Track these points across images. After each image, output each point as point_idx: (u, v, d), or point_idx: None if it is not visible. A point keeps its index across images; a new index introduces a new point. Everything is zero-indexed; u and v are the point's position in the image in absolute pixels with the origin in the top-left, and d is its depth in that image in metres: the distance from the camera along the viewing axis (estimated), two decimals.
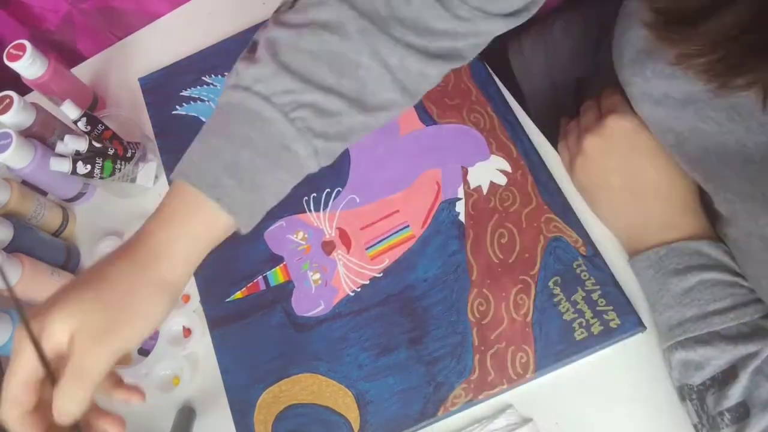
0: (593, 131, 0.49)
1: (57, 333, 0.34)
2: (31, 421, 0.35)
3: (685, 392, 0.43)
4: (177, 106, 0.65)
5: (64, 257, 0.59)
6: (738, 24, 0.32)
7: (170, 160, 0.62)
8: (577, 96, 0.68)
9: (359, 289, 0.53)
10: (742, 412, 0.39)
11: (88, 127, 0.57)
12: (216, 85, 0.65)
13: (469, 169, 0.56)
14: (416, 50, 0.41)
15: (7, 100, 0.55)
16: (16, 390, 0.34)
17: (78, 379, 0.34)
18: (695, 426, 0.42)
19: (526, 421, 0.47)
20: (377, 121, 0.43)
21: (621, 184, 0.48)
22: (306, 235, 0.56)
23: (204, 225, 0.38)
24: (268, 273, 0.55)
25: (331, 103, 0.40)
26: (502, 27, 0.43)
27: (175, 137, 0.64)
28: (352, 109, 0.41)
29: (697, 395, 0.41)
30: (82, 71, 0.72)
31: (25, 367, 0.34)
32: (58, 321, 0.34)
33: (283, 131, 0.39)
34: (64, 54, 0.72)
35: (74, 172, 0.56)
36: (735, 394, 0.39)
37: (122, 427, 0.39)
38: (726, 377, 0.40)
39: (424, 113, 0.59)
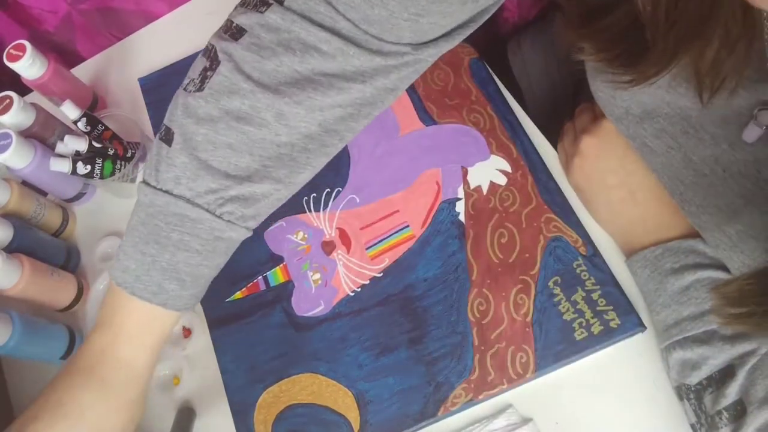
0: (590, 132, 0.49)
1: None
2: None
3: (682, 392, 0.43)
4: None
5: (64, 257, 0.59)
6: (632, 19, 0.35)
7: None
8: (576, 96, 0.68)
9: (359, 289, 0.53)
10: (740, 410, 0.39)
11: (88, 127, 0.57)
12: None
13: (469, 169, 0.56)
14: (338, 106, 0.40)
15: (7, 101, 0.55)
16: None
17: None
18: (693, 426, 0.42)
19: (526, 421, 0.47)
20: (305, 182, 0.45)
21: (617, 183, 0.48)
22: (306, 235, 0.56)
23: (159, 327, 0.42)
24: (268, 273, 0.55)
25: (258, 189, 0.41)
26: (437, 52, 0.42)
27: None
28: (280, 188, 0.42)
29: (695, 395, 0.41)
30: (82, 71, 0.72)
31: None
32: None
33: (213, 226, 0.40)
34: (63, 55, 0.72)
35: (74, 172, 0.56)
36: (732, 392, 0.39)
37: None
38: (723, 376, 0.40)
39: (424, 113, 0.59)
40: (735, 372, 0.39)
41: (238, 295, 0.55)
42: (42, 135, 0.59)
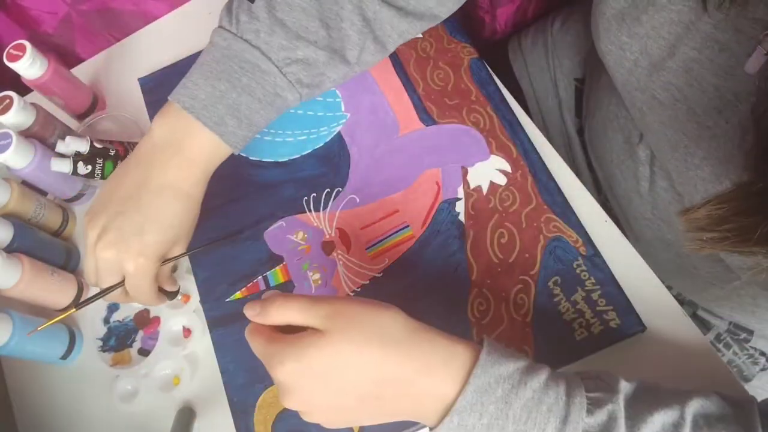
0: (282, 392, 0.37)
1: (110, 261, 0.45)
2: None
3: None
4: None
5: (64, 257, 0.59)
6: None
7: None
8: (577, 95, 0.68)
9: (359, 289, 0.53)
10: None
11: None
12: None
13: (469, 169, 0.56)
14: (391, 6, 0.48)
15: (7, 101, 0.55)
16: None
17: (137, 292, 0.46)
18: None
19: None
20: (354, 72, 0.51)
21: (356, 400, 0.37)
22: (306, 236, 0.56)
23: (213, 156, 0.47)
24: (268, 273, 0.55)
25: (319, 57, 0.47)
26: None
27: None
28: (335, 60, 0.48)
29: None
30: (82, 71, 0.72)
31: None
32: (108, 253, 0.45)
33: (277, 82, 0.46)
34: (62, 57, 0.72)
35: (75, 172, 0.56)
36: None
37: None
38: None
39: (424, 113, 0.59)
40: None
41: (238, 295, 0.55)
42: (42, 135, 0.59)
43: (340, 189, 0.57)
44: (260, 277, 0.55)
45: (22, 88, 0.60)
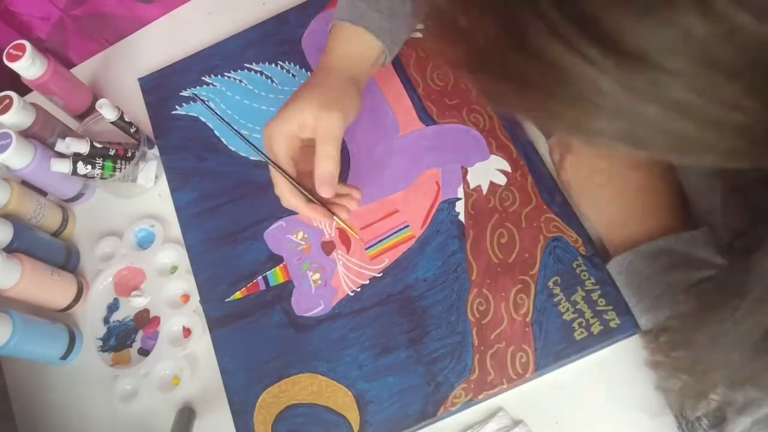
0: None
1: (305, 119, 0.47)
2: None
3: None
4: (177, 106, 0.65)
5: (63, 257, 0.59)
6: None
7: (170, 160, 0.62)
8: None
9: (359, 289, 0.53)
10: (719, 417, 0.38)
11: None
12: (216, 85, 0.65)
13: (469, 169, 0.56)
14: None
15: (7, 101, 0.55)
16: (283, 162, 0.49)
17: (326, 140, 0.47)
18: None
19: (517, 423, 0.47)
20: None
21: (605, 182, 0.49)
22: (305, 235, 0.56)
23: (361, 46, 0.51)
24: (267, 273, 0.55)
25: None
26: None
27: (175, 137, 0.64)
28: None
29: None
30: (82, 71, 0.72)
31: (283, 147, 0.48)
32: (304, 113, 0.48)
33: None
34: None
35: (75, 172, 0.56)
36: (712, 399, 0.39)
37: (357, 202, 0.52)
38: None
39: (424, 113, 0.59)
40: None
41: (238, 295, 0.55)
42: (42, 135, 0.59)
43: None
44: (260, 277, 0.55)
45: (22, 88, 0.60)
